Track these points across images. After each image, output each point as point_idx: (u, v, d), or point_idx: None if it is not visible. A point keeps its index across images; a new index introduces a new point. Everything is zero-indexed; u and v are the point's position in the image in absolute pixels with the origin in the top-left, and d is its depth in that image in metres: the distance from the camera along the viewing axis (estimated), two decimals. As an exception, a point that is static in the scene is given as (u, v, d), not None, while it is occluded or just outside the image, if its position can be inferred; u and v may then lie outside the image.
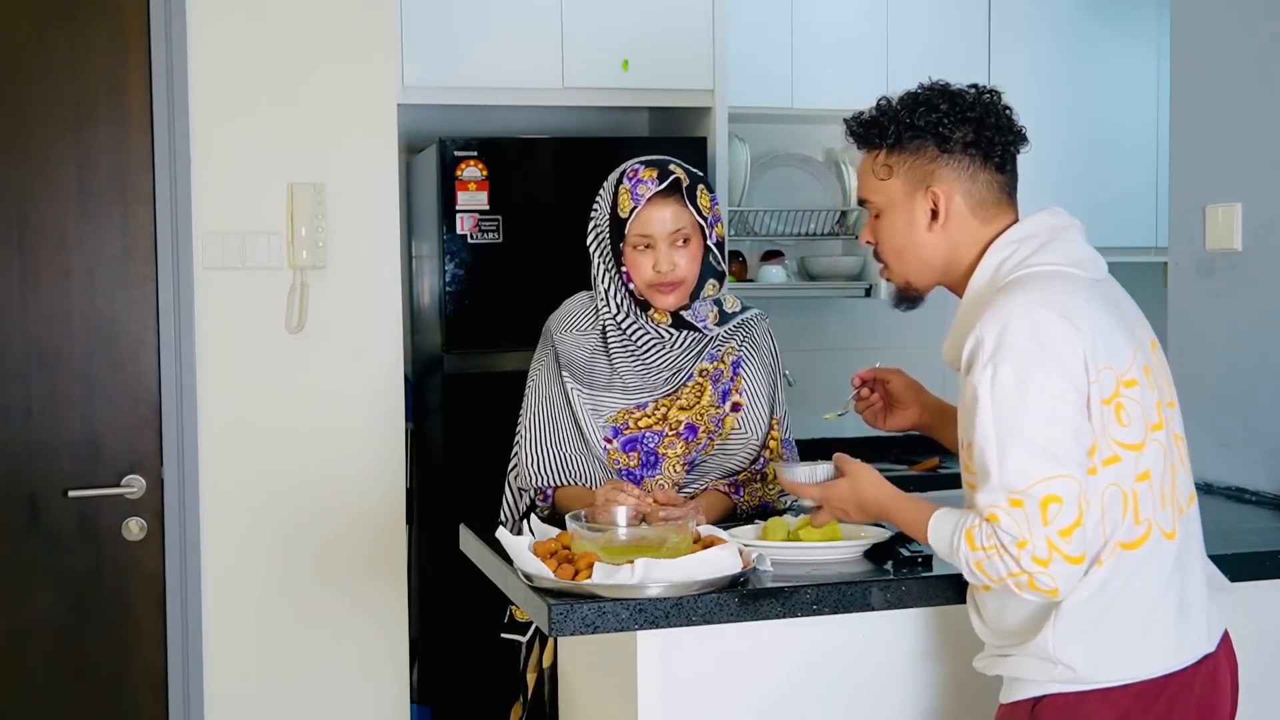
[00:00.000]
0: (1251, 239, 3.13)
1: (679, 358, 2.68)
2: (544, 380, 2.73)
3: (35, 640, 3.29)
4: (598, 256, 2.69)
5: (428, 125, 4.08)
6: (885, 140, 2.07)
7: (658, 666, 2.14)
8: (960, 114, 2.04)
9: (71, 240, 3.28)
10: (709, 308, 2.68)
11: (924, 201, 2.05)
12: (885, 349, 4.84)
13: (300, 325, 3.42)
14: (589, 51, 3.96)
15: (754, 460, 2.71)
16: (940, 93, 2.07)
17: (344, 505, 3.46)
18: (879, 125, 2.08)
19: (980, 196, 2.04)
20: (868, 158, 2.11)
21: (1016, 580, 1.86)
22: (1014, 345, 1.87)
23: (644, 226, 2.60)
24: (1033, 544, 1.84)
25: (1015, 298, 1.93)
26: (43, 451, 3.27)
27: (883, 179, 2.08)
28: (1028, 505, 1.84)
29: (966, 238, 2.05)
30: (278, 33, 3.40)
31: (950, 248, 2.06)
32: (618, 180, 2.65)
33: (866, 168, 2.11)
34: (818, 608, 2.11)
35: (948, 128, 2.03)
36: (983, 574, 1.89)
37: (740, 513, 2.68)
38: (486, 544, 2.43)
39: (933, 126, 2.03)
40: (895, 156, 2.07)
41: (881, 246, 2.13)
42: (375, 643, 3.51)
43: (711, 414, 2.68)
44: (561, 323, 2.76)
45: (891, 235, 2.10)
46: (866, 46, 4.47)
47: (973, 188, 2.04)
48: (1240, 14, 3.16)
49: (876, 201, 2.10)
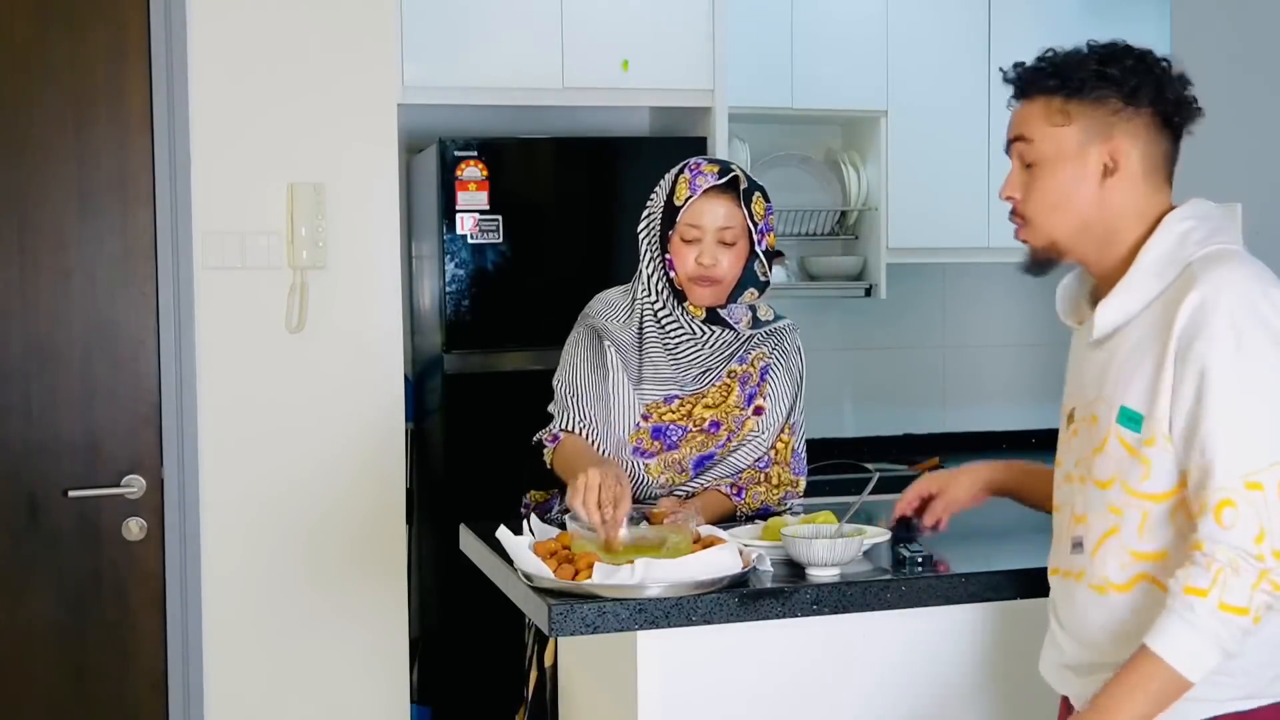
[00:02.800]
0: (1251, 239, 3.13)
1: (709, 357, 2.69)
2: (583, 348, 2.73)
3: (35, 640, 3.29)
4: (646, 242, 2.70)
5: (428, 125, 4.08)
6: (1069, 85, 1.89)
7: (658, 666, 2.14)
8: (1149, 71, 1.90)
9: (71, 240, 3.28)
10: (744, 311, 2.69)
11: (1099, 155, 1.89)
12: (885, 349, 4.86)
13: (300, 325, 3.42)
14: (589, 51, 3.96)
15: (759, 459, 2.72)
16: (1126, 48, 1.92)
17: (344, 505, 3.46)
18: (1062, 69, 1.91)
19: (1155, 162, 1.91)
20: (1036, 103, 1.93)
21: (1262, 584, 1.67)
22: (1259, 318, 1.74)
23: (695, 217, 2.61)
24: (1272, 534, 1.68)
25: (1237, 271, 1.79)
26: (43, 451, 3.27)
27: (1057, 125, 1.90)
28: (1268, 488, 1.68)
29: (1131, 204, 1.89)
30: (278, 33, 3.40)
31: (1112, 212, 1.89)
32: (679, 170, 2.67)
33: (1035, 114, 1.92)
34: (818, 608, 2.11)
35: (1136, 81, 1.88)
36: (1233, 612, 1.67)
37: (740, 515, 2.68)
38: (486, 544, 2.43)
39: (1122, 77, 1.88)
40: (1076, 104, 1.90)
41: (1033, 200, 1.93)
42: (375, 643, 3.51)
43: (735, 414, 2.69)
44: (600, 313, 2.76)
45: (1050, 188, 1.91)
46: (866, 46, 4.47)
47: (1150, 151, 1.90)
48: (1240, 14, 3.17)
49: (1042, 149, 1.92)
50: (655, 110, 4.35)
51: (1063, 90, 1.90)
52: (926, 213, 4.51)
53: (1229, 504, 1.69)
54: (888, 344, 4.86)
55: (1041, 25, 4.65)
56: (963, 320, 4.93)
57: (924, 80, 4.50)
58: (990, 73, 4.57)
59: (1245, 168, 3.15)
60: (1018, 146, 1.96)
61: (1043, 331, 4.91)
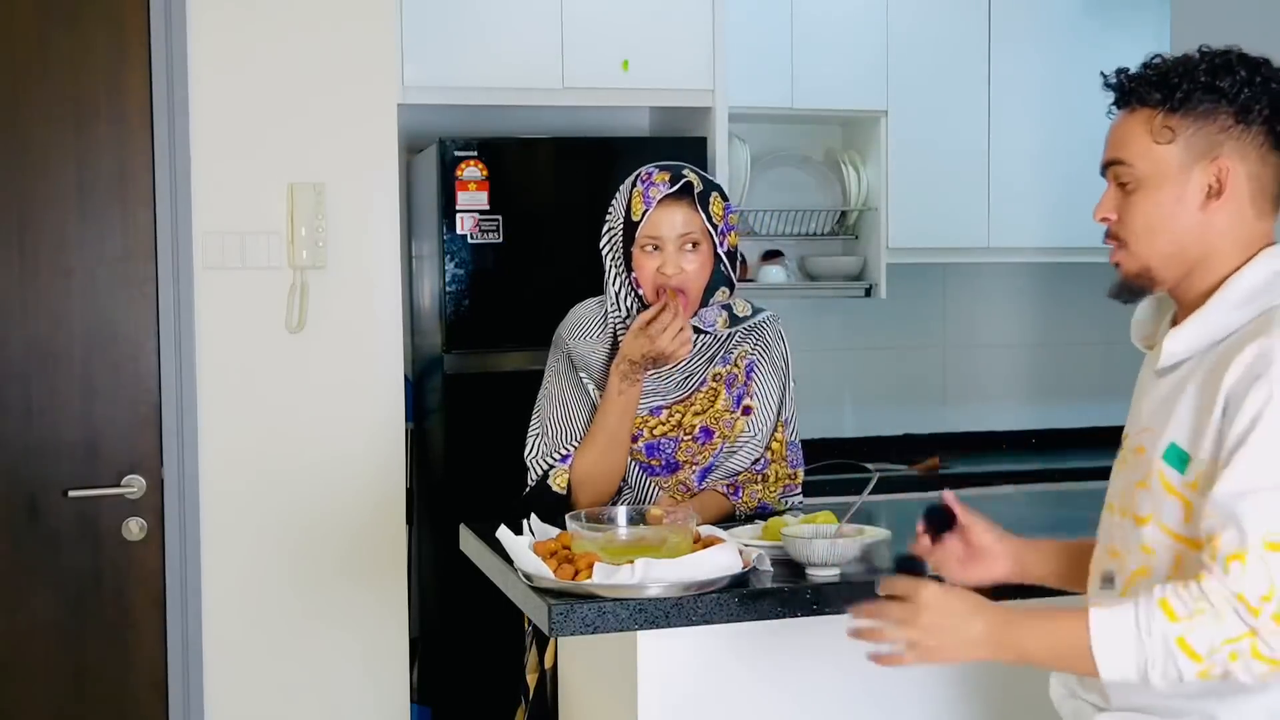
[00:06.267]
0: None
1: (689, 363, 2.67)
2: (559, 377, 2.73)
3: (35, 640, 3.29)
4: (609, 260, 2.69)
5: (428, 125, 4.08)
6: (1173, 98, 1.75)
7: (658, 666, 2.14)
8: (1265, 83, 1.74)
9: (71, 240, 3.28)
10: (717, 313, 2.67)
11: (1205, 175, 1.74)
12: (885, 349, 4.86)
13: (300, 325, 3.42)
14: (589, 51, 3.96)
15: (755, 461, 2.71)
16: (1239, 58, 1.76)
17: (344, 505, 3.46)
18: (1168, 80, 1.76)
19: (1265, 184, 1.76)
20: (1138, 117, 1.78)
21: (1234, 647, 1.56)
22: None
23: (653, 228, 2.60)
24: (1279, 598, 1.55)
25: None
26: (43, 451, 3.27)
27: (1161, 142, 1.75)
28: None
29: (1235, 229, 1.75)
30: (278, 33, 3.40)
31: (1217, 237, 1.75)
32: (632, 183, 2.65)
33: (1137, 129, 1.78)
34: (817, 608, 2.11)
35: (1249, 96, 1.73)
36: (1185, 652, 1.58)
37: (739, 515, 2.68)
38: (486, 544, 2.43)
39: (1234, 90, 1.73)
40: (1181, 119, 1.75)
41: (1129, 223, 1.79)
42: (375, 643, 3.51)
43: (726, 418, 2.68)
44: (573, 331, 2.75)
45: (1150, 210, 1.77)
46: (866, 46, 4.47)
47: (1262, 170, 1.75)
48: (1240, 14, 3.17)
49: (1140, 168, 1.77)
50: (655, 110, 4.35)
51: (1168, 103, 1.76)
52: (926, 213, 4.51)
53: (1239, 558, 1.58)
54: (888, 344, 4.86)
55: (1041, 25, 4.65)
56: (963, 320, 4.93)
57: (924, 80, 4.50)
58: (990, 73, 4.58)
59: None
60: (1114, 169, 1.81)
61: (1043, 331, 4.91)
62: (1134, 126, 1.79)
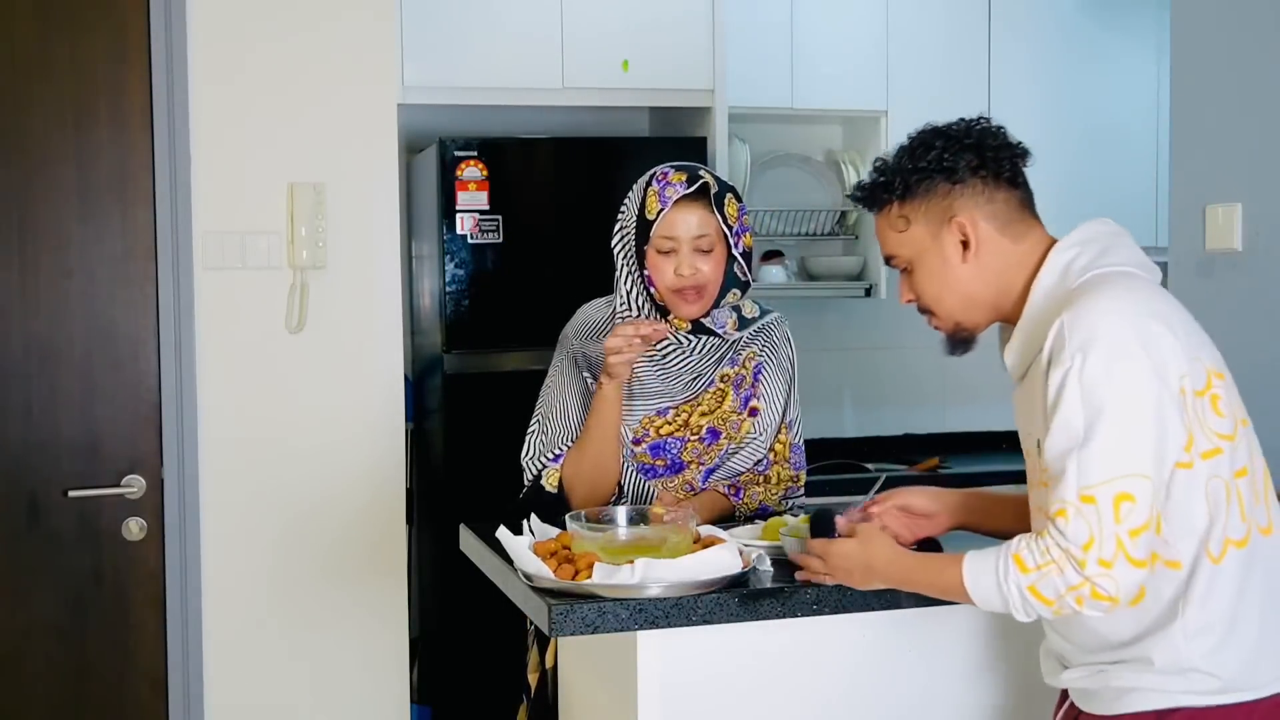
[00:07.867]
0: (1251, 239, 3.13)
1: (699, 363, 2.67)
2: (561, 377, 2.73)
3: (35, 640, 3.29)
4: (621, 259, 2.67)
5: (428, 125, 4.08)
6: (894, 193, 2.03)
7: (658, 666, 2.14)
8: (958, 143, 2.01)
9: (71, 240, 3.29)
10: (728, 314, 2.67)
11: (951, 236, 2.00)
12: (885, 349, 4.86)
13: (300, 325, 3.42)
14: (589, 51, 3.96)
15: (758, 462, 2.71)
16: (933, 132, 2.04)
17: (344, 505, 3.47)
18: (884, 182, 2.04)
19: (1004, 216, 2.00)
20: (882, 216, 2.07)
21: (1076, 593, 1.79)
22: (1104, 338, 1.81)
23: (669, 229, 2.58)
24: (1099, 543, 1.77)
25: (1101, 293, 1.87)
26: (43, 451, 3.27)
27: (902, 230, 2.04)
28: (1100, 501, 1.78)
29: (1005, 260, 2.00)
30: (277, 33, 3.40)
31: (994, 275, 2.01)
32: (647, 182, 2.63)
33: (884, 226, 2.07)
34: (818, 608, 2.11)
35: (950, 159, 2.00)
36: (1038, 598, 1.82)
37: (739, 515, 2.68)
38: (486, 544, 2.43)
39: (935, 162, 2.00)
40: (909, 205, 2.03)
41: (923, 297, 2.07)
42: (375, 643, 3.51)
43: (733, 420, 2.68)
44: (579, 331, 2.74)
45: (929, 282, 2.04)
46: (866, 46, 4.47)
47: (993, 209, 2.00)
48: (1240, 14, 3.17)
49: (904, 254, 2.05)
50: (655, 110, 4.36)
51: (892, 198, 2.04)
52: (926, 213, 4.51)
53: (1062, 514, 1.80)
54: (888, 344, 4.86)
55: (1041, 25, 4.66)
56: (962, 320, 4.93)
57: (924, 80, 4.50)
58: (990, 73, 4.58)
59: (1245, 168, 3.15)
60: (891, 262, 2.09)
61: (1043, 331, 4.91)
62: (883, 225, 2.07)
